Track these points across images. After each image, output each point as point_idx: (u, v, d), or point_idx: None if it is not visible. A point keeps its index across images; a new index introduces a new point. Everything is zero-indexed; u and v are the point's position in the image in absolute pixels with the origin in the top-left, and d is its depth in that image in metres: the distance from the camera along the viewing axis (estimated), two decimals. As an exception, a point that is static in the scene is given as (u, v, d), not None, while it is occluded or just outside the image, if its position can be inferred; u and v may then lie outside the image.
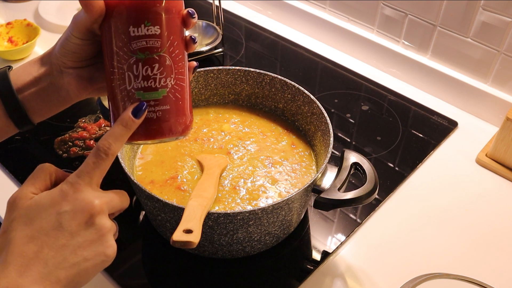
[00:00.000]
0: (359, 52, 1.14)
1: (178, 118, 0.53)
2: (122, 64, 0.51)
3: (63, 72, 0.55)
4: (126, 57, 0.51)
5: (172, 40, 0.52)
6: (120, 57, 0.51)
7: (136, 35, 0.51)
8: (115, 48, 0.51)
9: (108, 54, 0.52)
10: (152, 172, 0.76)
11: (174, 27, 0.52)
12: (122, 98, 0.52)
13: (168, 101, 0.52)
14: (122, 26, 0.51)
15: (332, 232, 0.78)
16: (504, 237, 0.78)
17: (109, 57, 0.52)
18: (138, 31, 0.51)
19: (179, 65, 0.53)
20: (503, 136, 0.85)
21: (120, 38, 0.51)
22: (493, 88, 0.97)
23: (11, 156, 0.89)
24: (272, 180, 0.75)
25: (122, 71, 0.51)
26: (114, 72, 0.52)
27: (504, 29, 0.89)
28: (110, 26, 0.51)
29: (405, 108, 1.02)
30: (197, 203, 0.61)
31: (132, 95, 0.51)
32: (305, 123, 0.81)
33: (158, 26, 0.51)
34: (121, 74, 0.52)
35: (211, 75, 0.84)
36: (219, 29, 1.15)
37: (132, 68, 0.51)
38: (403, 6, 1.02)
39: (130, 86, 0.51)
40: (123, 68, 0.51)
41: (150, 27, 0.51)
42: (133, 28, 0.51)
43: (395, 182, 0.86)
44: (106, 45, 0.52)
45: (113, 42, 0.51)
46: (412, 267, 0.73)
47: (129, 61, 0.51)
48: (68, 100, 0.57)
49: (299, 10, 1.20)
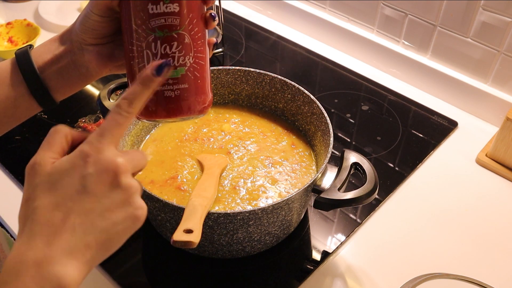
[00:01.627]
0: (359, 52, 1.14)
1: (197, 96, 0.53)
2: (141, 42, 0.51)
3: (84, 49, 0.55)
4: (145, 34, 0.51)
5: (191, 18, 0.52)
6: (139, 35, 0.51)
7: (155, 13, 0.50)
8: (134, 26, 0.51)
9: (127, 31, 0.52)
10: (152, 172, 0.76)
11: (194, 4, 0.52)
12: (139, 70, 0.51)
13: (187, 80, 0.52)
14: (140, 4, 0.50)
15: (332, 232, 0.78)
16: (504, 237, 0.78)
17: (128, 34, 0.52)
18: (156, 8, 0.50)
19: (198, 43, 0.52)
20: (503, 136, 0.85)
21: (139, 16, 0.51)
22: (493, 88, 0.97)
23: (11, 156, 0.89)
24: (272, 180, 0.75)
25: (141, 49, 0.51)
26: (132, 50, 0.52)
27: (504, 29, 0.89)
28: (128, 4, 0.51)
29: (405, 108, 1.02)
30: (198, 203, 0.61)
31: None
32: (305, 123, 0.81)
33: (177, 4, 0.51)
34: (139, 52, 0.51)
35: (211, 75, 0.84)
36: (219, 29, 1.15)
37: (151, 46, 0.51)
38: (403, 6, 1.02)
39: (148, 63, 0.51)
40: (141, 46, 0.51)
41: (169, 5, 0.51)
42: (152, 6, 0.50)
43: (395, 182, 0.86)
44: (124, 23, 0.52)
45: (131, 19, 0.51)
46: (412, 267, 0.73)
47: (147, 39, 0.51)
48: (89, 77, 0.57)
49: (299, 10, 1.20)
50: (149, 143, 0.81)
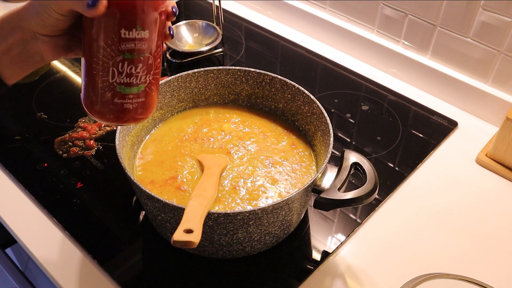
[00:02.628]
0: (359, 52, 1.14)
1: (150, 107, 0.59)
2: (108, 59, 0.53)
3: (38, 39, 0.54)
4: (113, 54, 0.53)
5: (157, 41, 0.55)
6: (107, 52, 0.53)
7: (127, 38, 0.53)
8: (102, 43, 0.53)
9: (93, 45, 0.53)
10: (152, 172, 0.76)
11: (160, 28, 0.55)
12: (103, 87, 0.55)
13: (144, 95, 0.57)
14: (113, 26, 0.52)
15: (332, 232, 0.78)
16: (504, 237, 0.78)
17: (94, 48, 0.53)
18: (129, 34, 0.53)
19: (158, 60, 0.57)
20: (503, 136, 0.85)
21: (110, 36, 0.53)
22: (493, 88, 0.97)
23: (11, 156, 0.89)
24: (272, 180, 0.75)
25: (107, 65, 0.54)
26: (97, 62, 0.54)
27: (504, 29, 0.89)
28: (100, 22, 0.52)
29: (405, 108, 1.02)
30: (198, 203, 0.61)
31: (113, 87, 0.55)
32: (305, 123, 0.81)
33: (148, 31, 0.54)
34: (105, 67, 0.54)
35: (211, 75, 0.84)
36: (219, 29, 1.15)
37: (118, 65, 0.54)
38: (403, 6, 1.02)
39: (113, 80, 0.54)
40: (108, 63, 0.54)
41: (140, 32, 0.54)
42: (125, 31, 0.53)
43: (395, 182, 0.86)
44: (92, 36, 0.53)
45: (101, 37, 0.53)
46: (412, 267, 0.73)
47: (115, 58, 0.54)
48: (43, 63, 0.57)
49: (299, 10, 1.20)
50: (149, 143, 0.81)
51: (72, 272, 0.73)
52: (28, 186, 0.84)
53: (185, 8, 1.32)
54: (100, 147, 0.91)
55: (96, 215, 0.79)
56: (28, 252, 0.76)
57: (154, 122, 0.83)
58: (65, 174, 0.86)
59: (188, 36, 1.17)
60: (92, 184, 0.84)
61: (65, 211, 0.80)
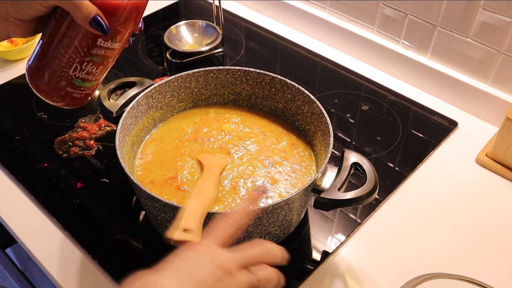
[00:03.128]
0: (359, 52, 1.14)
1: (91, 96, 0.65)
2: (76, 56, 0.58)
3: (9, 20, 0.56)
4: (83, 54, 0.58)
5: (121, 49, 0.61)
6: (78, 51, 0.58)
7: (101, 46, 0.58)
8: (76, 43, 0.57)
9: (65, 39, 0.57)
10: (152, 172, 0.76)
11: (128, 39, 0.61)
12: (60, 76, 0.59)
13: (93, 88, 0.64)
14: (93, 35, 0.57)
15: (332, 232, 0.78)
16: (504, 237, 0.78)
17: (66, 43, 0.58)
18: (104, 43, 0.58)
19: (114, 63, 0.63)
20: (503, 136, 0.85)
21: (86, 41, 0.57)
22: (493, 88, 0.97)
23: (11, 156, 0.89)
24: (272, 180, 0.75)
25: (72, 60, 0.58)
26: (64, 55, 0.58)
27: (504, 29, 0.89)
28: (80, 27, 0.56)
29: (405, 108, 1.02)
30: (197, 203, 0.61)
31: (70, 79, 0.60)
32: (305, 123, 0.81)
33: (120, 43, 0.60)
34: (69, 62, 0.59)
35: (211, 75, 0.84)
36: (219, 29, 1.15)
37: (83, 63, 0.59)
38: (403, 6, 1.02)
39: (72, 73, 0.60)
40: (74, 59, 0.58)
41: (114, 43, 0.59)
42: (102, 41, 0.58)
43: (395, 182, 0.86)
44: (67, 33, 0.57)
45: (77, 38, 0.57)
46: (412, 267, 0.73)
47: (83, 58, 0.59)
48: (6, 39, 0.60)
49: (299, 10, 1.20)
50: (149, 143, 0.81)
51: (72, 272, 0.73)
52: (28, 186, 0.84)
53: (185, 8, 1.32)
54: (100, 147, 0.91)
55: (96, 215, 0.79)
56: (28, 252, 0.76)
57: (154, 122, 0.83)
58: (65, 174, 0.86)
59: (188, 36, 1.17)
60: (92, 184, 0.84)
61: (65, 211, 0.80)
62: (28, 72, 0.62)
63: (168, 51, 1.13)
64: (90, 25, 0.55)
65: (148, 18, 1.27)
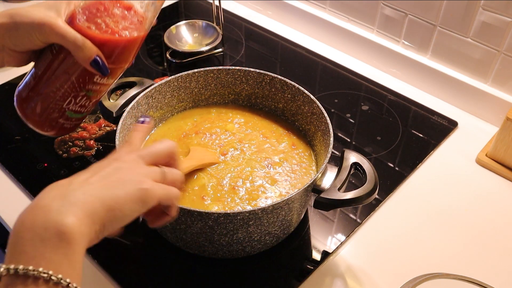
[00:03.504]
0: (359, 52, 1.14)
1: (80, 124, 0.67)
2: (71, 91, 0.60)
3: (4, 51, 0.58)
4: (78, 89, 0.60)
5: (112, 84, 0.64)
6: (73, 86, 0.59)
7: (97, 82, 0.60)
8: (73, 78, 0.59)
9: (61, 75, 0.59)
10: (152, 172, 0.76)
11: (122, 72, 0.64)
12: (53, 108, 0.61)
13: (83, 119, 0.65)
14: (91, 72, 0.58)
15: (332, 232, 0.78)
16: (504, 237, 0.78)
17: (62, 77, 0.59)
18: (100, 80, 0.60)
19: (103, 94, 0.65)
20: (503, 136, 0.85)
21: (83, 77, 0.59)
22: (493, 88, 0.97)
23: (11, 156, 0.89)
24: (272, 180, 0.75)
25: (67, 94, 0.60)
26: (59, 89, 0.59)
27: (504, 29, 0.89)
28: (78, 65, 0.58)
29: (405, 108, 1.02)
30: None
31: (63, 111, 0.61)
32: (305, 123, 0.81)
33: (114, 80, 0.62)
34: (64, 95, 0.60)
35: (211, 75, 0.84)
36: (219, 29, 1.15)
37: (77, 97, 0.61)
38: (403, 6, 1.02)
39: (66, 106, 0.61)
40: (69, 93, 0.60)
41: (109, 80, 0.61)
42: (99, 78, 0.60)
43: (395, 182, 0.86)
44: (64, 68, 0.59)
45: (74, 74, 0.59)
46: (412, 267, 0.73)
47: (78, 92, 0.60)
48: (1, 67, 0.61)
49: (299, 10, 1.20)
50: (149, 143, 0.81)
51: (72, 272, 0.73)
52: (28, 186, 0.84)
53: (185, 8, 1.32)
54: (100, 147, 0.91)
55: (96, 215, 0.79)
56: (28, 252, 0.76)
57: (154, 123, 0.83)
58: (65, 174, 0.86)
59: (188, 36, 1.17)
60: (92, 184, 0.84)
61: (65, 211, 0.80)
62: (18, 101, 0.62)
63: (168, 51, 1.13)
64: (91, 66, 0.56)
65: (148, 18, 1.26)
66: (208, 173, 0.75)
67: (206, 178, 0.74)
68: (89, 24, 0.57)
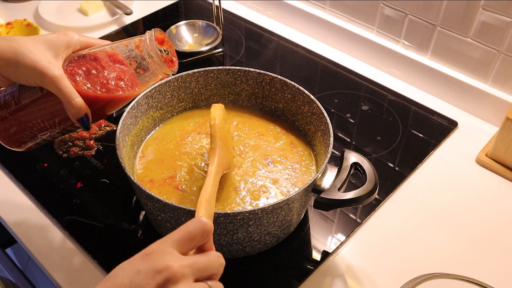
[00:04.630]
0: (359, 52, 1.14)
1: None
2: (50, 126, 0.63)
3: None
4: (57, 127, 0.63)
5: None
6: (53, 124, 0.63)
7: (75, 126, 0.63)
8: (56, 119, 0.62)
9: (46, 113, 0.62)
10: (152, 171, 0.76)
11: None
12: (29, 134, 0.64)
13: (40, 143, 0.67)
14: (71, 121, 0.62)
15: (332, 232, 0.78)
16: (504, 237, 0.78)
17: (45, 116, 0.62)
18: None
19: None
20: (503, 136, 0.85)
21: (65, 120, 0.62)
22: (493, 88, 0.97)
23: (11, 156, 0.89)
24: (272, 180, 0.75)
25: (45, 128, 0.63)
26: (39, 123, 0.63)
27: (504, 29, 0.89)
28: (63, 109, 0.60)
29: (405, 108, 1.02)
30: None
31: (36, 139, 0.65)
32: (305, 123, 0.81)
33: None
34: (43, 128, 0.63)
35: (211, 75, 0.84)
36: (219, 29, 1.15)
37: (54, 132, 0.64)
38: (403, 6, 1.02)
39: (42, 137, 0.65)
40: (48, 128, 0.63)
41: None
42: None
43: (395, 182, 0.86)
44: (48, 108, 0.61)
45: (58, 116, 0.62)
46: (412, 267, 0.73)
47: (57, 129, 0.64)
48: None
49: (299, 10, 1.20)
50: (151, 141, 0.81)
51: (72, 272, 0.73)
52: (28, 186, 0.84)
53: (185, 8, 1.32)
54: (100, 147, 0.91)
55: (96, 215, 0.79)
56: (28, 252, 0.76)
57: (154, 123, 0.83)
58: (65, 174, 0.86)
59: (188, 36, 1.17)
60: (92, 184, 0.84)
61: (65, 211, 0.80)
62: None
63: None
64: (77, 121, 0.60)
65: (148, 18, 1.27)
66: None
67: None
68: (85, 81, 0.61)
